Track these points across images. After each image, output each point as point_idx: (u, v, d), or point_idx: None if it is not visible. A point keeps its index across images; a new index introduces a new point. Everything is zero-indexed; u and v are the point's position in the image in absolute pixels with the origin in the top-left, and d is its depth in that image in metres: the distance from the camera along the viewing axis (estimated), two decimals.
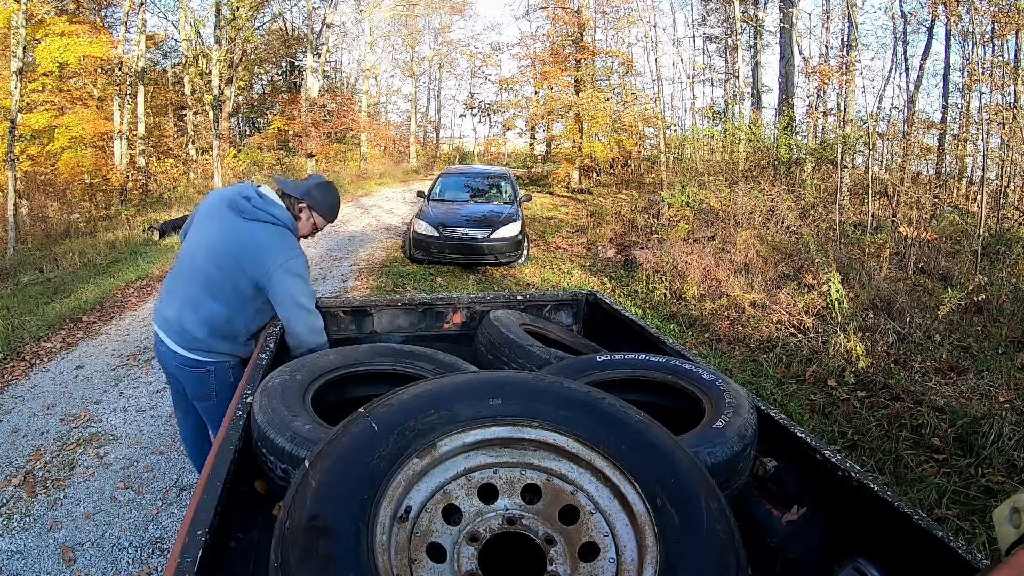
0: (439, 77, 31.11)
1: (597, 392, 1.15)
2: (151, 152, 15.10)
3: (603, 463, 1.02)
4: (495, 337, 2.06)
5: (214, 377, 2.10)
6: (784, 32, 13.78)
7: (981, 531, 2.56)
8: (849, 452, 3.30)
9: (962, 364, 4.26)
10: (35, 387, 4.06)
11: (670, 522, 0.92)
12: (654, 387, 1.67)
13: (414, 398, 1.06)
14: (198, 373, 2.09)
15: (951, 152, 10.55)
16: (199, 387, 2.13)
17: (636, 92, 18.17)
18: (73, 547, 2.49)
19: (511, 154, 29.05)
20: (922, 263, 6.53)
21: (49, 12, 12.32)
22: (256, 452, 1.33)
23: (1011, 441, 3.10)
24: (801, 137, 12.41)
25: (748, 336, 5.11)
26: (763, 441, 1.47)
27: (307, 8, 20.62)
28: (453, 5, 26.35)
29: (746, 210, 7.93)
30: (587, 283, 7.18)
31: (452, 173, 10.12)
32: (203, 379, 2.11)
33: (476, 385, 1.11)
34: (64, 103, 12.83)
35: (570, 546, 0.96)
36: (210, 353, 2.06)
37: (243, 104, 23.37)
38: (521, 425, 1.05)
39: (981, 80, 9.10)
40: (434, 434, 1.00)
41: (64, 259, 7.75)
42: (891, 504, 1.16)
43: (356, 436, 0.97)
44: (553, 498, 1.02)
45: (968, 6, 8.90)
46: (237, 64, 18.66)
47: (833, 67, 11.65)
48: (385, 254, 8.82)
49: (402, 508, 0.95)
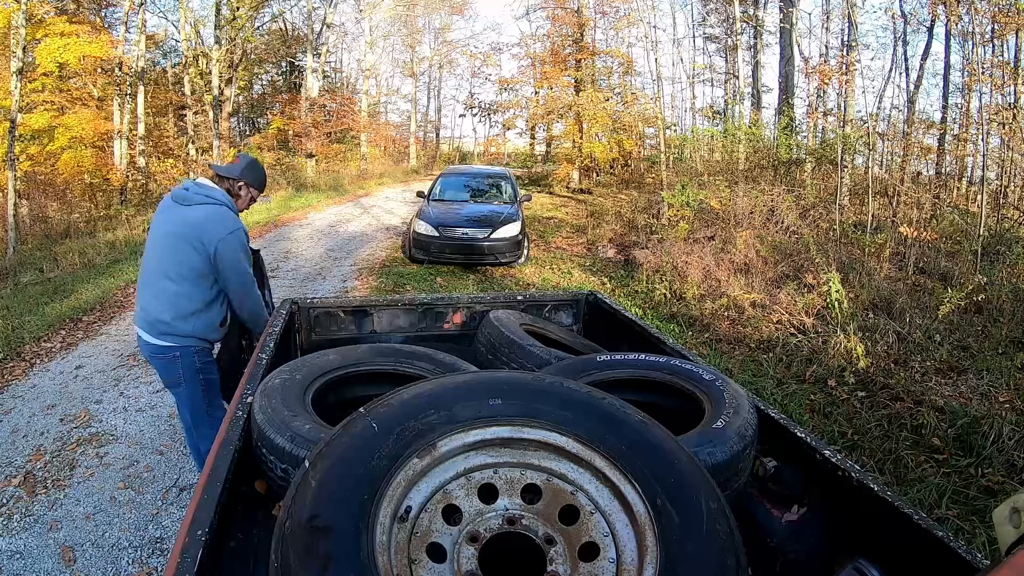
0: (439, 77, 31.13)
1: (597, 392, 1.15)
2: (151, 152, 15.09)
3: (603, 463, 1.02)
4: (495, 337, 2.06)
5: (180, 363, 2.31)
6: (784, 32, 13.78)
7: (981, 531, 2.56)
8: (849, 452, 3.30)
9: (962, 364, 4.26)
10: (35, 387, 4.06)
11: (670, 522, 0.91)
12: (654, 387, 1.67)
13: (414, 398, 1.06)
14: (166, 360, 2.31)
15: (951, 152, 10.54)
16: (168, 374, 2.35)
17: (636, 92, 18.16)
18: (73, 547, 2.49)
19: (511, 154, 29.02)
20: (922, 263, 6.53)
21: (49, 12, 12.31)
22: (256, 452, 1.33)
23: (1011, 441, 3.10)
24: (801, 137, 12.40)
25: (748, 336, 5.11)
26: (763, 441, 1.47)
27: (307, 8, 20.62)
28: (453, 5, 26.34)
29: (746, 210, 7.93)
30: (587, 283, 7.18)
31: (452, 173, 10.11)
32: (171, 366, 2.32)
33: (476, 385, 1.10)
34: (64, 103, 12.82)
35: (570, 546, 0.96)
36: (175, 337, 2.28)
37: (243, 104, 23.34)
38: (521, 425, 1.05)
39: (981, 80, 9.10)
40: (434, 434, 1.00)
41: (64, 259, 7.75)
42: (891, 504, 1.16)
43: (356, 436, 0.97)
44: (553, 498, 1.02)
45: (968, 6, 8.90)
46: (237, 64, 18.64)
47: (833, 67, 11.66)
48: (385, 254, 8.82)
49: (402, 508, 0.94)
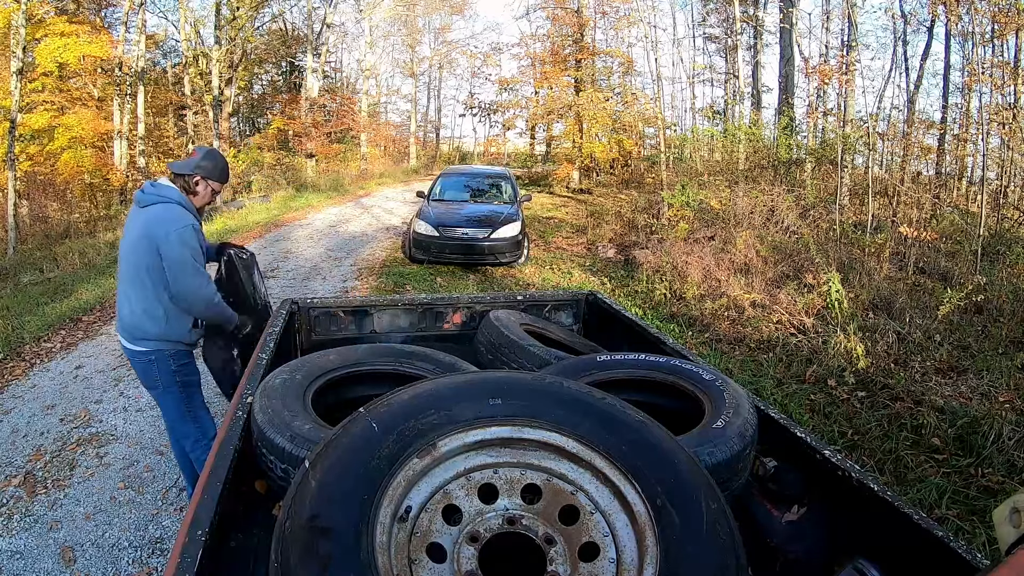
0: (439, 77, 31.09)
1: (597, 392, 1.14)
2: (151, 152, 15.10)
3: (603, 463, 1.01)
4: (495, 337, 2.06)
5: (156, 366, 2.35)
6: (784, 32, 13.77)
7: (981, 531, 2.56)
8: (849, 452, 3.30)
9: (962, 364, 4.26)
10: (35, 387, 4.06)
11: (670, 522, 0.91)
12: (654, 387, 1.67)
13: (414, 398, 1.06)
14: (144, 363, 2.36)
15: (951, 152, 10.54)
16: (146, 376, 2.40)
17: (636, 92, 18.16)
18: (73, 547, 2.49)
19: (511, 154, 28.98)
20: (922, 263, 6.52)
21: (49, 12, 12.32)
22: (256, 452, 1.33)
23: (1011, 441, 3.10)
24: (801, 137, 12.40)
25: (748, 336, 5.11)
26: (763, 441, 1.47)
27: (307, 8, 20.62)
28: (453, 5, 26.32)
29: (746, 210, 7.93)
30: (587, 283, 7.17)
31: (452, 173, 10.11)
32: (148, 368, 2.36)
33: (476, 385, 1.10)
34: (64, 103, 12.83)
35: (570, 546, 0.96)
36: (148, 341, 2.32)
37: (243, 104, 23.34)
38: (521, 425, 1.05)
39: (981, 80, 9.10)
40: (434, 434, 1.00)
41: (64, 259, 7.76)
42: (891, 504, 1.16)
43: (356, 436, 0.97)
44: (553, 498, 1.02)
45: (968, 6, 8.90)
46: (237, 64, 18.62)
47: (833, 67, 11.66)
48: (385, 254, 8.81)
49: (402, 508, 0.94)
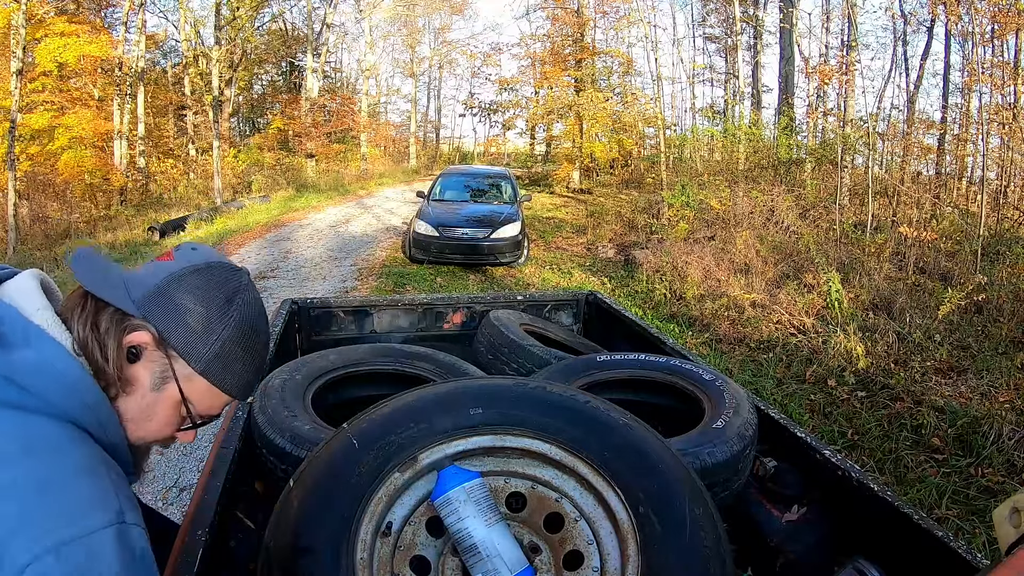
0: (439, 77, 31.08)
1: (580, 395, 1.11)
2: (151, 152, 15.12)
3: (586, 469, 0.99)
4: (495, 337, 2.05)
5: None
6: (784, 32, 13.78)
7: (981, 531, 2.56)
8: (849, 452, 3.30)
9: (962, 364, 4.26)
10: None
11: (652, 531, 0.89)
12: (654, 387, 1.67)
13: (393, 412, 1.04)
14: None
15: (951, 152, 10.53)
16: None
17: (636, 92, 18.17)
18: None
19: (511, 154, 28.98)
20: (922, 263, 6.52)
21: (49, 12, 12.33)
22: (256, 452, 1.33)
23: (1011, 441, 3.10)
24: (801, 137, 12.39)
25: (748, 336, 5.11)
26: (763, 441, 1.47)
27: (307, 8, 20.63)
28: (453, 5, 26.32)
29: (746, 210, 7.93)
30: (587, 283, 7.17)
31: (452, 173, 10.11)
32: None
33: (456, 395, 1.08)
34: (64, 103, 12.84)
35: (555, 555, 0.95)
36: None
37: (243, 104, 23.36)
38: (503, 433, 1.03)
39: (981, 80, 9.09)
40: (415, 447, 0.98)
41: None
42: (891, 504, 1.16)
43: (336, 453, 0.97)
44: (538, 506, 1.01)
45: (968, 6, 8.89)
46: (237, 64, 18.65)
47: (833, 67, 11.65)
48: (385, 254, 8.81)
49: (384, 523, 0.94)
